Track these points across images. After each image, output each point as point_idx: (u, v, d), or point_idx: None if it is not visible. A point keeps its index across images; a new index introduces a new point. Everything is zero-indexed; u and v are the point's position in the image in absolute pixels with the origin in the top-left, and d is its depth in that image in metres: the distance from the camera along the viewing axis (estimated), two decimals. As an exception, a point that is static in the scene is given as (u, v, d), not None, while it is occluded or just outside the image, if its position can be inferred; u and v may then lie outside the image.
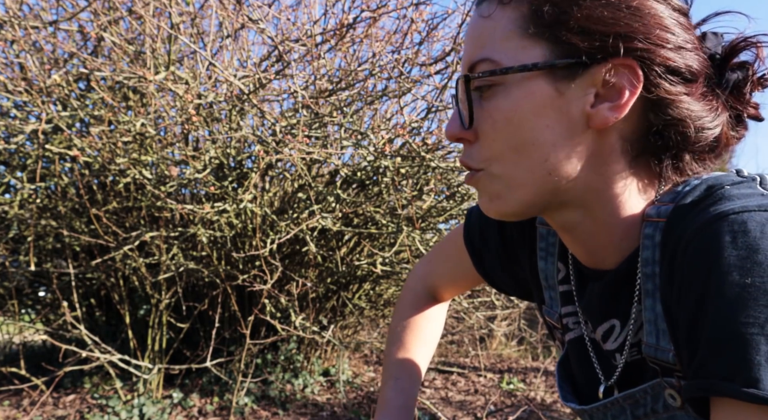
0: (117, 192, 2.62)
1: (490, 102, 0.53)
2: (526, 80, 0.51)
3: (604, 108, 0.50)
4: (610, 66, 0.50)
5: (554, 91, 0.51)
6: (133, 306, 2.78)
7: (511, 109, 0.52)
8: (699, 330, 0.45)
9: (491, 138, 0.54)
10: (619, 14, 0.49)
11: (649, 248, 0.52)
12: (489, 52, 0.53)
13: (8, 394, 2.66)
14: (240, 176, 2.56)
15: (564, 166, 0.52)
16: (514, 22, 0.52)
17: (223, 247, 2.60)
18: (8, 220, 2.42)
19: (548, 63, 0.50)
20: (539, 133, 0.52)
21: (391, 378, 0.86)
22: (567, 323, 0.68)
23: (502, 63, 0.52)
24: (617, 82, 0.50)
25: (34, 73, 2.19)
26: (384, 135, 2.52)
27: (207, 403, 2.67)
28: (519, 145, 0.53)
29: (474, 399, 3.09)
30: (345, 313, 3.26)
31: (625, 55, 0.49)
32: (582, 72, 0.50)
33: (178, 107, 2.35)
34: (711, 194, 0.49)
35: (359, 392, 3.07)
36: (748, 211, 0.44)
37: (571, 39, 0.50)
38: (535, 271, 0.71)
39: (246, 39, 2.93)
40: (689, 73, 0.51)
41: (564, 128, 0.52)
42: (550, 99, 0.51)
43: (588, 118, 0.51)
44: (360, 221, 2.85)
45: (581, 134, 0.52)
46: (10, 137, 2.31)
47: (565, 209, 0.56)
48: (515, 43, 0.52)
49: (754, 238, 0.43)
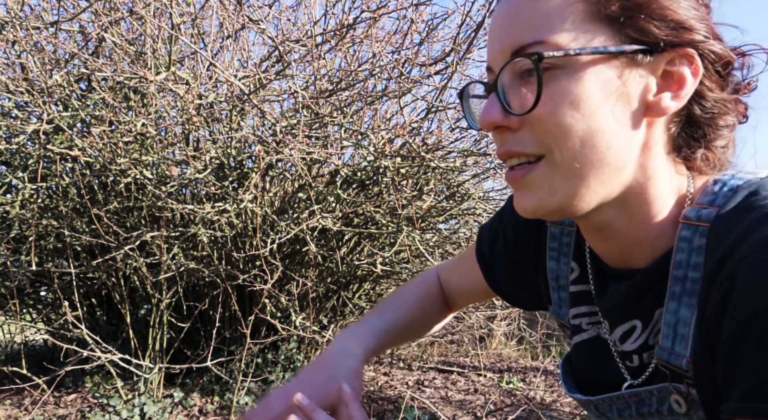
0: (118, 192, 2.62)
1: (549, 85, 0.50)
2: (591, 64, 0.49)
3: (666, 97, 0.50)
4: (674, 55, 0.50)
5: (618, 77, 0.50)
6: (133, 305, 2.79)
7: (577, 93, 0.49)
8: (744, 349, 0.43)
9: (551, 122, 0.50)
10: (681, 4, 0.49)
11: (685, 251, 0.51)
12: (546, 34, 0.50)
13: (10, 394, 2.67)
14: (240, 176, 2.57)
15: (622, 156, 0.51)
16: (578, 4, 0.50)
17: (223, 247, 2.60)
18: (10, 219, 2.43)
19: (618, 49, 0.49)
20: (603, 120, 0.50)
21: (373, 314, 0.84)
22: (580, 324, 0.67)
23: (567, 46, 0.49)
24: (678, 71, 0.50)
25: (36, 74, 2.19)
26: (384, 135, 2.53)
27: (208, 402, 2.68)
28: (583, 131, 0.50)
29: (474, 398, 3.10)
30: (345, 312, 3.26)
31: (687, 45, 0.49)
32: (647, 60, 0.49)
33: (179, 107, 2.36)
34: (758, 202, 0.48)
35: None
36: None
37: (640, 26, 0.49)
38: (544, 273, 0.70)
39: (246, 39, 2.93)
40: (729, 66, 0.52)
41: (626, 116, 0.50)
42: (614, 85, 0.50)
43: (647, 107, 0.50)
44: (360, 221, 2.86)
45: (639, 124, 0.51)
46: (11, 137, 2.32)
47: (603, 207, 0.54)
48: (578, 25, 0.50)
49: None
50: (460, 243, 3.14)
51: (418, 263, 2.97)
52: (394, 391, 3.10)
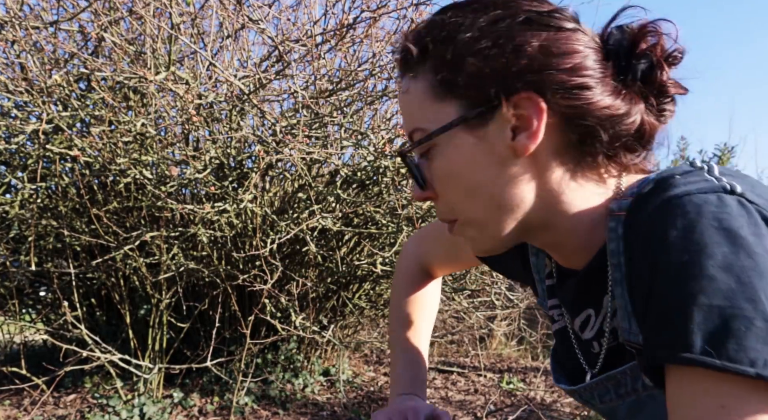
0: (117, 192, 2.62)
1: (432, 163, 0.60)
2: (450, 137, 0.58)
3: (523, 138, 0.56)
4: (512, 103, 0.55)
5: (475, 138, 0.57)
6: (133, 306, 2.78)
7: (447, 166, 0.59)
8: (649, 308, 0.49)
9: (444, 193, 0.61)
10: (503, 58, 0.55)
11: (614, 240, 0.56)
12: (417, 122, 0.60)
13: (9, 394, 2.66)
14: (240, 176, 2.57)
15: (511, 196, 0.58)
16: (426, 92, 0.59)
17: (223, 247, 2.60)
18: (9, 220, 2.42)
19: (461, 118, 0.57)
20: (477, 177, 0.58)
21: (401, 353, 0.93)
22: (553, 315, 0.73)
23: (428, 129, 0.58)
24: (524, 113, 0.55)
25: (35, 74, 2.19)
26: (384, 135, 2.53)
27: (207, 402, 2.67)
28: (467, 193, 0.59)
29: (474, 399, 3.10)
30: (345, 312, 3.26)
31: (521, 89, 0.55)
32: (492, 115, 0.56)
33: (179, 107, 2.35)
34: (662, 184, 0.52)
35: (359, 392, 3.08)
36: (688, 194, 0.49)
37: (472, 91, 0.56)
38: (528, 266, 0.76)
39: (246, 39, 2.93)
40: (589, 81, 0.55)
41: (496, 165, 0.57)
42: (474, 146, 0.57)
43: (514, 150, 0.56)
44: (360, 221, 2.85)
45: (514, 165, 0.57)
46: (11, 137, 2.31)
47: (535, 232, 0.62)
48: (432, 108, 0.59)
49: (690, 219, 0.47)
50: (460, 243, 3.13)
51: (418, 263, 2.96)
52: (394, 392, 3.10)
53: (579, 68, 0.55)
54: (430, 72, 0.59)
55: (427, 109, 0.59)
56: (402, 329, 0.95)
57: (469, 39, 0.56)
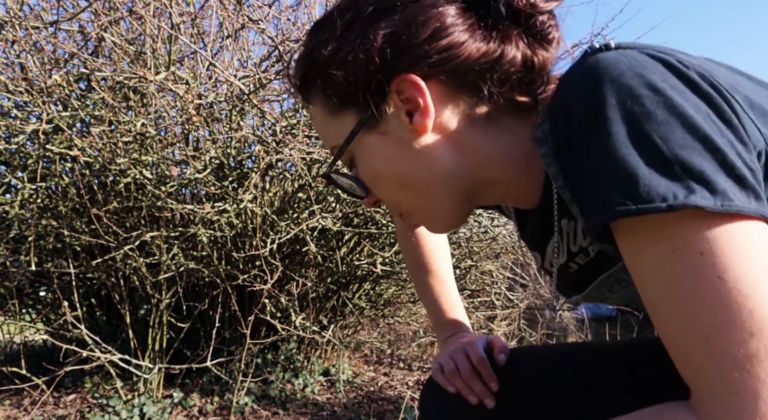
0: (117, 192, 2.62)
1: (359, 171, 0.64)
2: (360, 143, 0.61)
3: (418, 118, 0.57)
4: (394, 91, 0.57)
5: (380, 135, 0.60)
6: (133, 306, 2.78)
7: (369, 169, 0.63)
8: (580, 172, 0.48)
9: (380, 193, 0.65)
10: (365, 55, 0.56)
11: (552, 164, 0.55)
12: (330, 141, 0.64)
13: (9, 394, 2.66)
14: (240, 176, 2.57)
15: (437, 173, 0.60)
16: (324, 112, 0.63)
17: (223, 247, 2.60)
18: (9, 220, 2.42)
19: (359, 123, 0.59)
20: (398, 169, 0.61)
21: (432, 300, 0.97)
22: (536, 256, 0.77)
23: (339, 144, 0.62)
24: (408, 95, 0.57)
25: (35, 74, 2.19)
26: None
27: (207, 402, 2.67)
28: (396, 186, 0.62)
29: (474, 399, 3.10)
30: (345, 312, 3.26)
31: (396, 75, 0.56)
32: (383, 109, 0.58)
33: (179, 107, 2.35)
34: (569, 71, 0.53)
35: (359, 392, 3.08)
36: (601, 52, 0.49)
37: (356, 97, 0.58)
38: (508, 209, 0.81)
39: (246, 39, 2.93)
40: (454, 39, 0.56)
41: (409, 152, 0.59)
42: (382, 143, 0.60)
43: (416, 131, 0.58)
44: (360, 221, 2.85)
45: (425, 144, 0.59)
46: (10, 137, 2.31)
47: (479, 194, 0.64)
48: (334, 124, 0.62)
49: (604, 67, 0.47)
50: (460, 243, 3.14)
51: (418, 263, 2.96)
52: (394, 391, 3.10)
53: (440, 30, 0.55)
54: (319, 95, 0.62)
55: (331, 126, 0.62)
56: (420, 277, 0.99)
57: (332, 51, 0.58)
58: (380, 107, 0.58)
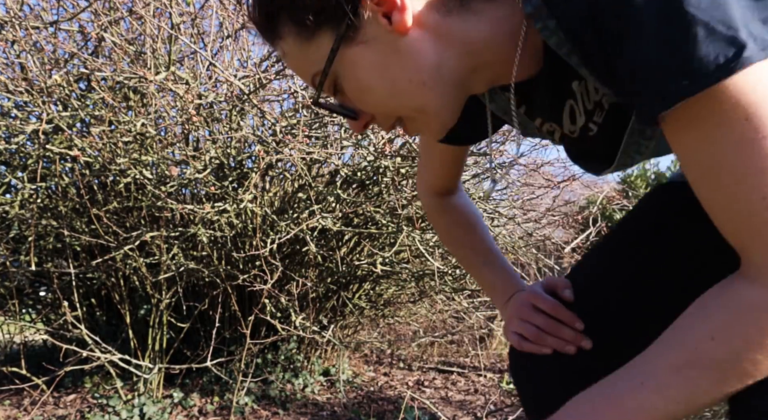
0: (117, 192, 2.62)
1: (346, 91, 0.63)
2: (342, 60, 0.60)
3: (396, 16, 0.57)
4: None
5: (362, 45, 0.59)
6: (133, 306, 2.78)
7: (357, 84, 0.61)
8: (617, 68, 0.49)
9: (373, 108, 0.64)
10: None
11: (551, 36, 0.56)
12: (310, 69, 0.63)
13: (9, 394, 2.66)
14: (240, 176, 2.57)
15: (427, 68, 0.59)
16: (297, 41, 0.61)
17: (223, 247, 2.60)
18: (9, 220, 2.42)
19: (338, 39, 0.58)
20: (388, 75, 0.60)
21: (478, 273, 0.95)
22: (546, 130, 0.76)
23: (321, 65, 0.61)
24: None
25: (35, 74, 2.19)
26: (384, 135, 2.52)
27: (207, 402, 2.67)
28: (389, 94, 0.61)
29: (474, 399, 3.10)
30: (345, 312, 3.26)
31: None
32: (359, 18, 0.57)
33: (179, 107, 2.35)
34: None
35: (359, 392, 3.08)
36: None
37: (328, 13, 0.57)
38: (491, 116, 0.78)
39: (246, 39, 2.93)
40: None
41: (395, 54, 0.59)
42: (366, 52, 0.59)
43: (397, 31, 0.58)
44: (360, 221, 2.85)
45: (409, 42, 0.58)
46: (10, 137, 2.31)
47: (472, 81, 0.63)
48: (311, 49, 0.61)
49: None
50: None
51: (418, 263, 2.97)
52: (394, 392, 3.10)
53: None
54: (288, 25, 0.60)
55: (309, 53, 0.61)
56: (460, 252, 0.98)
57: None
58: (357, 15, 0.57)
